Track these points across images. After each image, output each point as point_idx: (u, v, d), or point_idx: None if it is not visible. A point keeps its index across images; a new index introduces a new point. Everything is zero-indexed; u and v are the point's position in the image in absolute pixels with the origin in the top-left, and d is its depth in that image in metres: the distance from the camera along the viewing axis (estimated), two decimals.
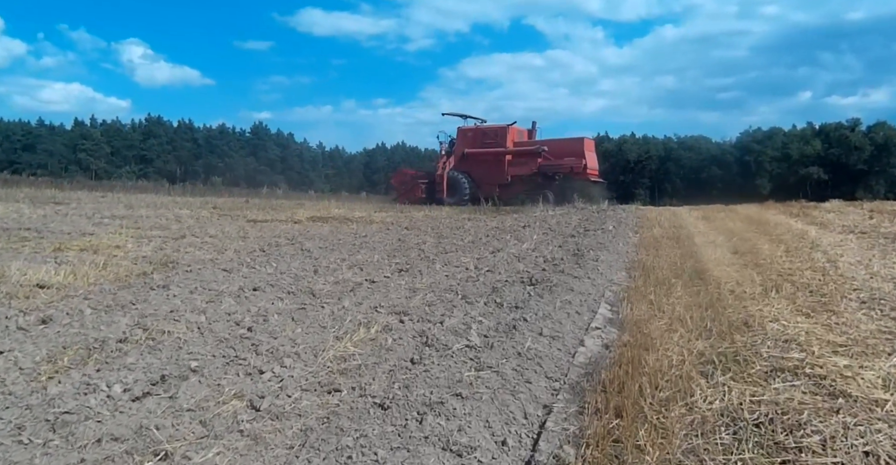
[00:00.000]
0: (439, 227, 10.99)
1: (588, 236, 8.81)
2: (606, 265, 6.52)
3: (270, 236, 9.36)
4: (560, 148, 24.10)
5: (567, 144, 24.64)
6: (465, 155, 25.15)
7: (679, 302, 5.07)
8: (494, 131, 25.30)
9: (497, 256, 7.35)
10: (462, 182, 24.90)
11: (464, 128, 26.29)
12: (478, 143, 25.17)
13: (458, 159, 25.34)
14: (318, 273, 6.42)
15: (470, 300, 4.98)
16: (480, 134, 25.44)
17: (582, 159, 23.58)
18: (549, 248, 7.77)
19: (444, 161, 25.58)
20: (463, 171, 25.17)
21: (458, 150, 25.42)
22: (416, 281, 5.95)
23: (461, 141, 25.63)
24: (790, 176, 65.07)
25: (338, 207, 15.70)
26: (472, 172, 25.19)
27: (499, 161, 24.82)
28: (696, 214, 14.02)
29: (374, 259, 7.37)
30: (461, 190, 24.90)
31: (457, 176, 25.06)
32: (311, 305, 4.97)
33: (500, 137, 24.95)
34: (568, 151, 23.93)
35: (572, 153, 23.76)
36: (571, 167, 23.52)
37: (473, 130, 25.99)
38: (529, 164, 24.20)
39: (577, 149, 24.03)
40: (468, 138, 25.50)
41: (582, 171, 23.59)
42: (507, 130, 25.03)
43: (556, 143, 24.74)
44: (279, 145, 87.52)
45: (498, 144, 24.86)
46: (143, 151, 73.41)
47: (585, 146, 24.29)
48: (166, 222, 10.81)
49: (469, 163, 25.20)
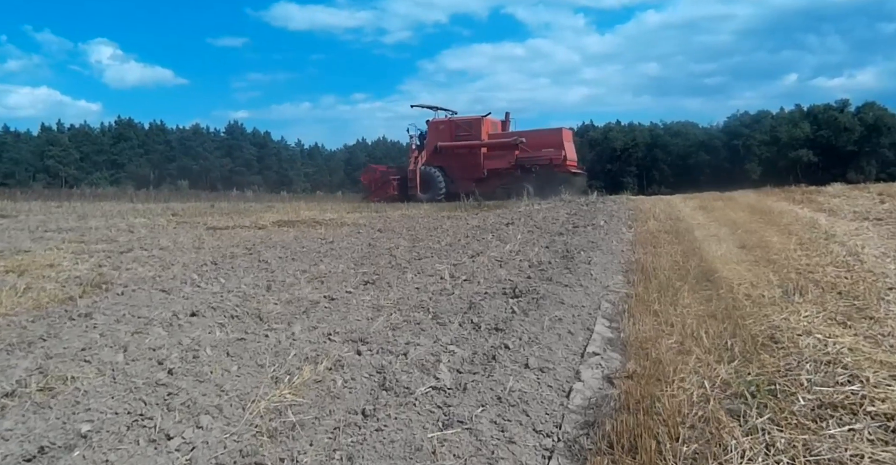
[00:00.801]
0: (415, 228, 10.25)
1: (578, 233, 8.12)
2: (600, 268, 5.83)
3: (228, 246, 8.58)
4: (538, 139, 23.32)
5: (545, 135, 23.85)
6: (437, 149, 24.30)
7: (689, 312, 4.38)
8: (468, 123, 24.44)
9: (476, 261, 6.64)
10: (436, 177, 24.11)
11: (435, 120, 25.42)
12: (451, 136, 24.34)
13: (431, 154, 24.47)
14: (272, 290, 5.68)
15: (442, 321, 4.25)
16: (453, 127, 24.57)
17: (561, 150, 22.84)
18: (534, 249, 7.06)
19: (416, 156, 24.72)
20: (436, 165, 24.35)
21: (431, 144, 24.55)
22: (382, 296, 5.22)
23: (433, 134, 24.75)
24: (780, 160, 64.94)
25: (309, 209, 14.92)
26: (447, 166, 24.37)
27: (474, 154, 24.03)
28: (692, 204, 13.36)
29: (339, 269, 6.62)
30: (436, 185, 24.10)
31: (430, 171, 24.25)
32: (254, 333, 4.23)
33: (474, 129, 24.10)
34: (546, 142, 23.17)
35: (551, 144, 23.01)
36: (551, 159, 22.76)
37: (446, 122, 25.11)
38: (506, 156, 23.43)
39: (555, 140, 23.26)
40: (440, 131, 24.62)
41: (562, 162, 22.87)
42: (482, 122, 24.20)
43: (534, 134, 23.93)
44: (255, 145, 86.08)
45: (472, 137, 24.04)
46: (114, 155, 71.68)
47: (564, 137, 23.57)
48: (116, 234, 9.99)
49: (442, 157, 24.37)
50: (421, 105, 26.46)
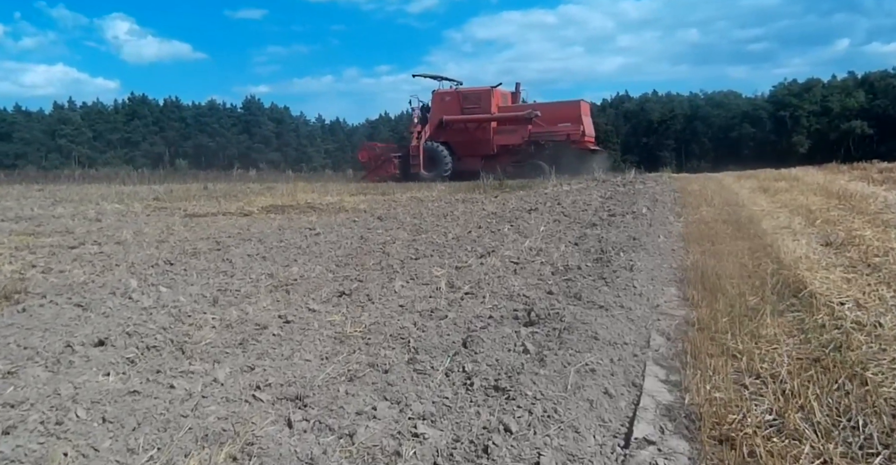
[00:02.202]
0: (422, 214, 9.03)
1: (614, 224, 6.81)
2: (646, 277, 4.55)
3: (197, 239, 7.49)
4: (553, 113, 21.85)
5: (561, 108, 22.41)
6: (442, 123, 22.81)
7: (779, 352, 3.11)
8: (476, 95, 22.94)
9: (486, 262, 5.41)
10: (441, 154, 22.71)
11: (440, 91, 23.88)
12: (457, 109, 22.88)
13: (436, 128, 23.01)
14: (219, 304, 4.55)
15: (422, 367, 3.05)
16: (460, 98, 23.08)
17: (579, 125, 21.41)
18: (560, 246, 5.79)
19: (419, 131, 23.26)
20: (441, 141, 22.93)
21: (435, 117, 23.09)
22: (353, 318, 4.04)
23: (437, 107, 23.29)
24: (830, 132, 62.02)
25: (310, 191, 13.81)
26: (453, 142, 22.99)
27: (483, 129, 22.64)
28: (748, 185, 11.82)
29: (314, 273, 5.47)
30: (441, 163, 22.72)
31: (435, 147, 22.83)
32: (156, 383, 3.10)
33: (483, 101, 22.62)
34: (563, 115, 21.70)
35: (568, 118, 21.54)
36: (568, 134, 21.34)
37: (451, 93, 23.60)
38: (519, 131, 22.02)
39: (573, 113, 21.81)
40: (446, 104, 23.16)
41: (580, 138, 21.44)
42: (491, 94, 22.72)
43: (549, 107, 22.47)
44: (273, 120, 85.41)
45: (481, 110, 22.59)
46: (127, 133, 71.65)
47: (582, 110, 22.10)
48: (77, 223, 8.99)
49: (448, 132, 22.94)
50: (423, 74, 24.99)
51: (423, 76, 24.97)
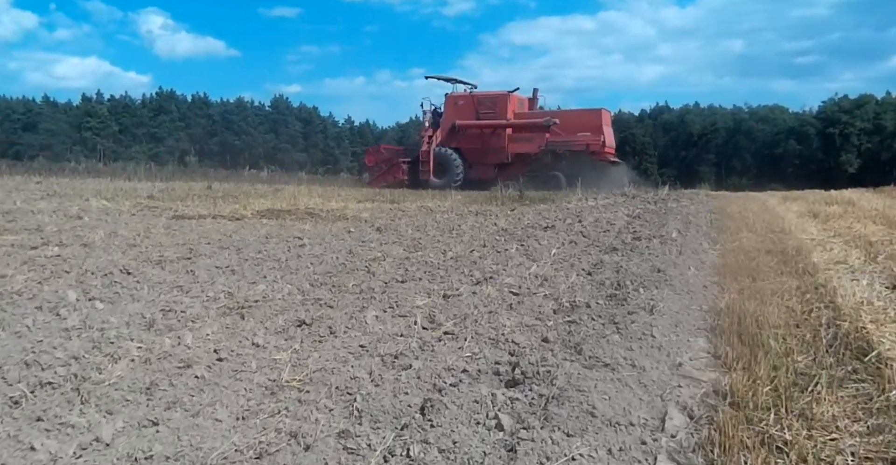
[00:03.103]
0: (425, 227, 8.33)
1: (638, 250, 6.02)
2: (669, 323, 3.78)
3: (172, 244, 6.90)
4: (572, 121, 21.00)
5: (581, 116, 21.58)
6: (455, 128, 22.15)
7: (844, 454, 2.34)
8: (492, 99, 22.18)
9: (480, 291, 4.68)
10: (453, 160, 22.01)
11: (453, 95, 23.18)
12: (471, 113, 22.14)
13: (448, 133, 22.34)
14: (153, 329, 3.93)
15: (355, 446, 2.34)
16: (474, 103, 22.31)
17: (600, 135, 20.55)
18: (571, 275, 5.04)
19: (430, 135, 22.59)
20: (453, 147, 22.25)
21: (447, 121, 22.43)
22: (300, 359, 3.36)
23: (450, 111, 22.58)
24: (882, 151, 59.91)
25: (316, 195, 13.23)
26: (465, 148, 22.26)
27: (497, 136, 21.89)
28: (795, 208, 10.83)
29: (281, 294, 4.80)
30: (452, 170, 22.01)
31: (446, 153, 22.13)
32: (20, 439, 2.48)
33: (498, 106, 21.88)
34: (582, 124, 20.84)
35: (588, 128, 20.69)
36: (587, 144, 20.50)
37: (465, 97, 22.86)
38: (535, 139, 21.20)
39: (593, 122, 20.92)
40: (459, 108, 22.45)
41: (600, 149, 20.60)
42: (507, 99, 21.94)
43: (568, 115, 21.72)
44: (301, 120, 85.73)
45: (496, 115, 21.85)
46: (153, 128, 72.41)
47: (603, 119, 21.21)
48: (55, 220, 8.50)
49: (461, 138, 22.26)
50: (436, 76, 24.36)
51: (436, 78, 24.46)
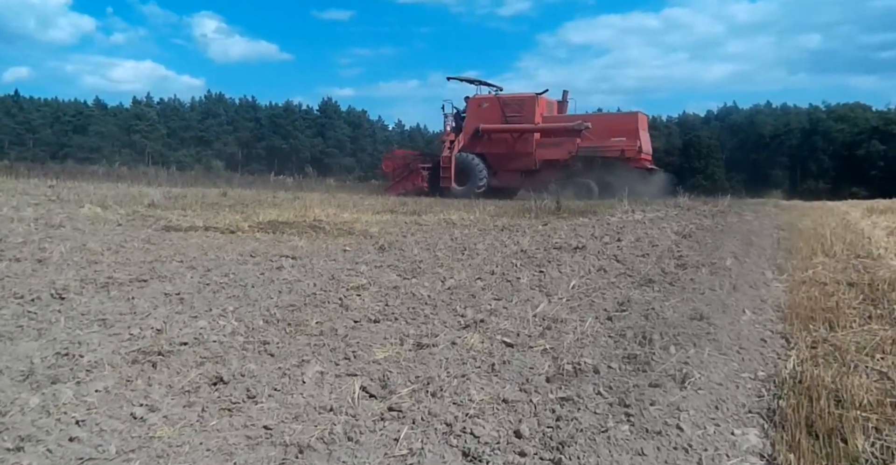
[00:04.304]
0: (436, 245, 7.37)
1: (680, 283, 4.90)
2: (706, 405, 2.72)
3: (137, 262, 6.19)
4: (606, 126, 20.10)
5: (615, 120, 20.95)
6: (479, 132, 21.31)
7: None
8: (519, 102, 21.34)
9: (461, 342, 3.72)
10: (476, 167, 21.23)
11: (477, 97, 22.39)
12: (496, 117, 21.32)
13: (470, 138, 21.53)
14: (28, 380, 3.19)
15: None
16: (499, 105, 21.48)
17: (636, 140, 19.62)
18: (586, 320, 4.00)
19: (452, 140, 21.85)
20: (476, 152, 21.46)
21: (470, 125, 21.61)
22: (176, 450, 2.48)
23: (473, 114, 21.77)
24: None
25: (334, 204, 12.51)
26: (489, 154, 21.45)
27: (525, 141, 21.00)
28: (883, 223, 9.28)
29: (218, 335, 3.96)
30: (475, 177, 21.19)
31: (468, 159, 21.35)
32: None
33: (525, 109, 21.02)
34: (617, 129, 19.96)
35: (623, 132, 19.76)
36: (622, 150, 19.54)
37: (490, 100, 22.04)
38: (566, 145, 20.26)
39: (629, 127, 19.99)
40: (483, 111, 21.62)
41: (636, 155, 19.64)
42: (535, 101, 21.07)
43: (601, 119, 20.96)
44: (349, 124, 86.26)
45: (523, 119, 20.99)
46: (201, 132, 73.98)
47: (640, 124, 20.26)
48: (29, 229, 7.95)
49: (484, 142, 21.46)
50: (458, 77, 23.80)
51: (458, 79, 23.82)
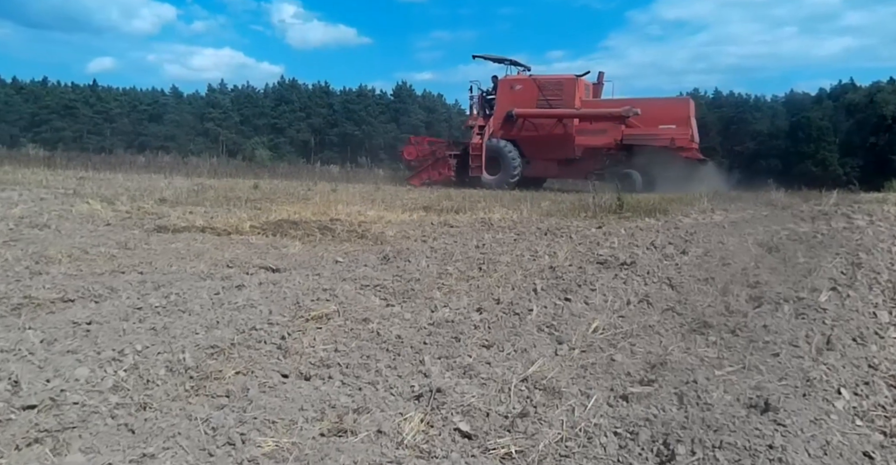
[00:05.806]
0: (452, 257, 6.20)
1: (746, 333, 3.52)
2: None
3: (88, 273, 5.44)
4: (652, 112, 18.78)
5: (664, 106, 19.41)
6: (511, 117, 20.03)
7: None
8: (557, 84, 19.92)
9: (393, 429, 2.63)
10: (508, 154, 20.05)
11: (509, 78, 21.04)
12: (531, 100, 20.04)
13: (502, 123, 20.29)
14: None
15: None
16: (534, 88, 20.11)
17: (687, 128, 18.39)
18: (591, 396, 2.81)
19: (482, 125, 20.59)
20: (509, 138, 20.25)
21: (501, 109, 20.38)
22: None
23: (505, 97, 20.47)
24: None
25: (363, 200, 11.66)
26: (522, 140, 20.21)
27: (563, 127, 19.70)
28: None
29: (92, 395, 3.04)
30: (508, 165, 20.05)
31: (500, 146, 20.14)
32: None
33: (565, 92, 19.66)
34: (665, 116, 18.68)
35: (673, 119, 18.54)
36: (672, 138, 18.29)
37: (523, 81, 20.68)
38: (610, 132, 19.06)
39: (679, 113, 18.77)
40: (516, 93, 20.34)
41: (688, 144, 18.43)
42: (576, 84, 19.70)
43: (648, 104, 19.27)
44: (425, 109, 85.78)
45: (562, 103, 19.64)
46: (274, 119, 75.26)
47: (690, 110, 18.94)
48: (11, 229, 7.45)
49: (518, 128, 20.23)
50: (484, 56, 22.30)
51: (484, 58, 22.45)
